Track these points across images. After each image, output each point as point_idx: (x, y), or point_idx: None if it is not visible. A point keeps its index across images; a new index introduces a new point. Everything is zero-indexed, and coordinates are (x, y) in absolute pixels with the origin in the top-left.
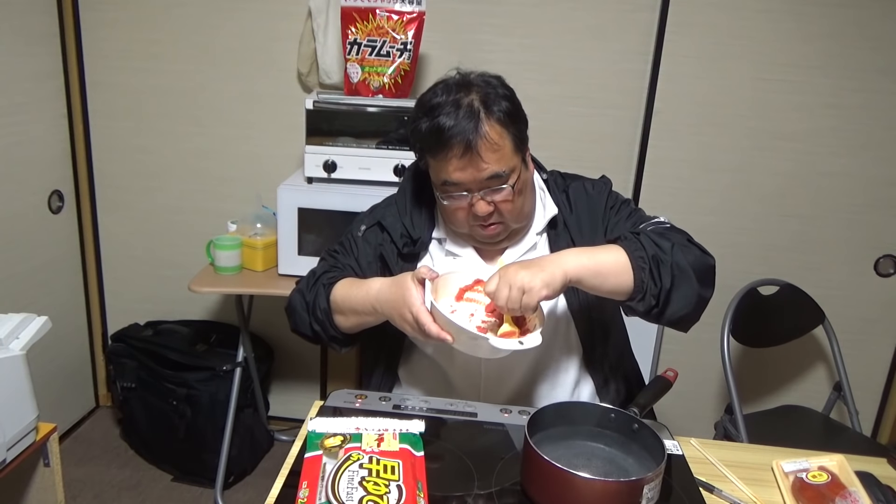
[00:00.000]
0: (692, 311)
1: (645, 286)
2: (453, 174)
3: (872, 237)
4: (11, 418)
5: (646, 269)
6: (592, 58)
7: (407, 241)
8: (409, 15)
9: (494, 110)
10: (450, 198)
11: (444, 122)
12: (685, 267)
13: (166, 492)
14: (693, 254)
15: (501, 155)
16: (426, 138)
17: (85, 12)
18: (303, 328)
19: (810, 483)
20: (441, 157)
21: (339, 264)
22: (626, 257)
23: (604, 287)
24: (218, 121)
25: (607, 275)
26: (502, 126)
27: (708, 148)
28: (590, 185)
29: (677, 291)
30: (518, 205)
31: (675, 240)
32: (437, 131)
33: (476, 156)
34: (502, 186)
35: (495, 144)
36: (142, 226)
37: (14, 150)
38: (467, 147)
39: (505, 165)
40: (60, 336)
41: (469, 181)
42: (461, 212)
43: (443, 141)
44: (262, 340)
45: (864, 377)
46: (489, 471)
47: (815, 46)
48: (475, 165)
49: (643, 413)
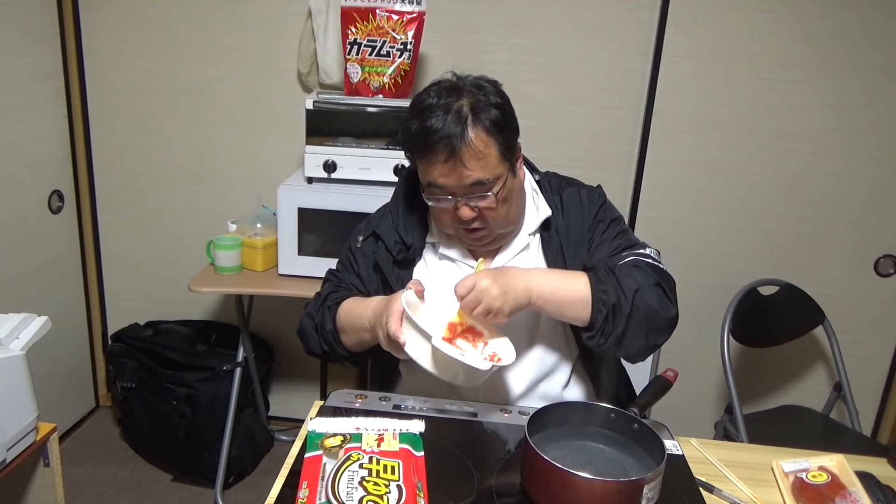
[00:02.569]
0: (637, 355)
1: (599, 326)
2: (438, 178)
3: (872, 237)
4: (11, 418)
5: (603, 312)
6: (592, 58)
7: (401, 248)
8: (409, 15)
9: (482, 118)
10: (435, 199)
11: (432, 124)
12: (641, 315)
13: (166, 492)
14: (657, 303)
15: (486, 163)
16: (414, 139)
17: (85, 12)
18: (315, 349)
19: (810, 483)
20: (426, 159)
21: (343, 284)
22: (590, 293)
23: (561, 316)
24: (218, 121)
25: (567, 304)
26: (488, 135)
27: (708, 148)
28: (584, 193)
29: (628, 337)
30: (502, 212)
31: (644, 284)
32: (424, 134)
33: (459, 162)
34: (486, 194)
35: (480, 153)
36: (142, 226)
37: (14, 150)
38: (451, 153)
39: (489, 173)
40: (60, 336)
41: (453, 186)
42: (446, 214)
43: (429, 144)
44: (262, 340)
45: (864, 377)
46: (489, 471)
47: (815, 46)
48: (458, 172)
49: (643, 413)
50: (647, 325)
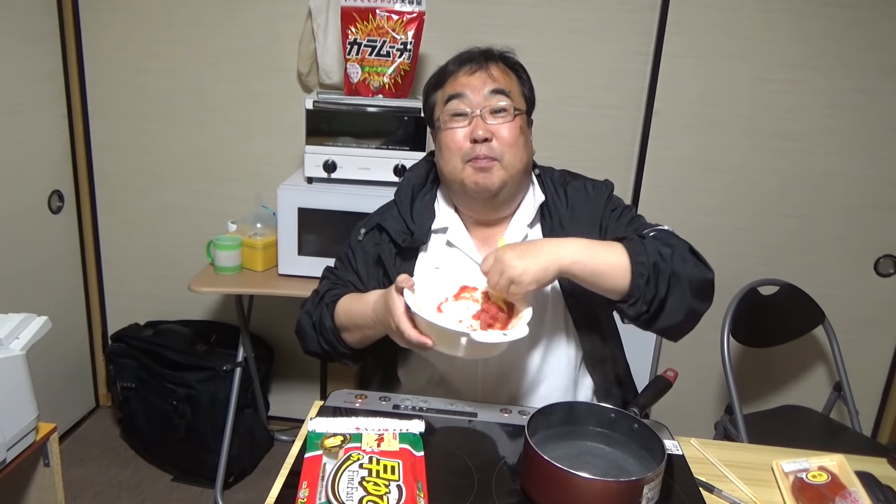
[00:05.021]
0: (682, 322)
1: (640, 291)
2: (461, 81)
3: (872, 237)
4: (11, 418)
5: (644, 276)
6: (592, 58)
7: (406, 236)
8: (409, 15)
9: (508, 56)
10: (451, 119)
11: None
12: (682, 277)
13: (166, 492)
14: (693, 265)
15: (509, 81)
16: (437, 75)
17: (85, 12)
18: (314, 348)
19: (810, 483)
20: (451, 79)
21: (341, 281)
22: (627, 259)
23: (598, 285)
24: (218, 121)
25: (604, 273)
26: (512, 69)
27: (708, 148)
28: (591, 185)
29: (671, 301)
30: (514, 135)
31: (677, 248)
32: (452, 61)
33: (486, 69)
34: (504, 104)
35: (505, 71)
36: (142, 226)
37: (14, 150)
38: (480, 63)
39: (511, 89)
40: (60, 336)
41: (475, 93)
42: (458, 139)
43: (458, 59)
44: (262, 340)
45: (864, 377)
46: (489, 471)
47: (815, 46)
48: (484, 75)
49: (643, 413)
50: (690, 287)
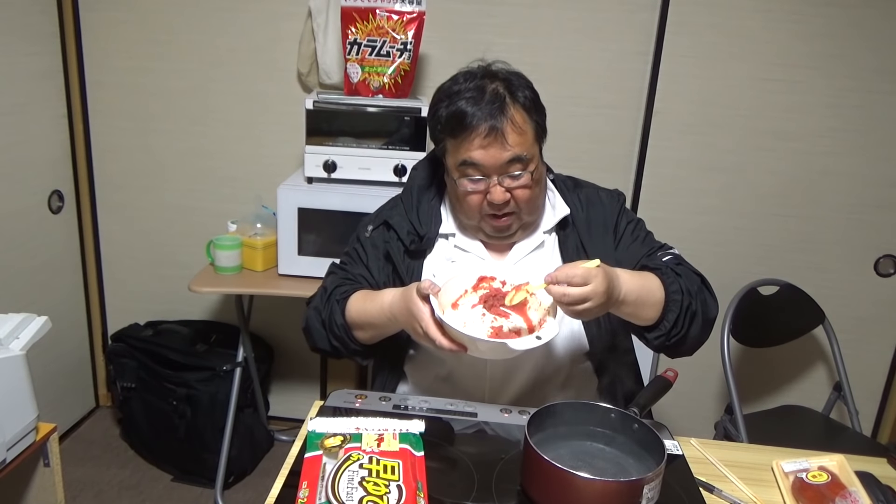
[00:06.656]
0: (689, 351)
1: (669, 325)
2: (475, 153)
3: (872, 237)
4: (11, 418)
5: (676, 312)
6: (592, 58)
7: (414, 238)
8: (409, 15)
9: (519, 96)
10: (468, 181)
11: (468, 105)
12: (701, 315)
13: (166, 492)
14: (711, 303)
15: (524, 140)
16: (449, 120)
17: (85, 12)
18: (322, 345)
19: (810, 483)
20: (464, 137)
21: (350, 276)
22: (663, 294)
23: (633, 316)
24: (218, 121)
25: (645, 306)
26: (526, 112)
27: (708, 148)
28: (604, 193)
29: (691, 335)
30: (535, 194)
31: (696, 283)
32: (461, 114)
33: (501, 137)
34: (521, 173)
35: (520, 128)
36: (142, 226)
37: (14, 150)
38: (493, 128)
39: (527, 151)
40: (60, 336)
41: (490, 163)
42: (475, 198)
43: (467, 121)
44: (262, 340)
45: (864, 377)
46: (489, 471)
47: (815, 46)
48: (499, 145)
49: (643, 413)
50: (704, 323)
